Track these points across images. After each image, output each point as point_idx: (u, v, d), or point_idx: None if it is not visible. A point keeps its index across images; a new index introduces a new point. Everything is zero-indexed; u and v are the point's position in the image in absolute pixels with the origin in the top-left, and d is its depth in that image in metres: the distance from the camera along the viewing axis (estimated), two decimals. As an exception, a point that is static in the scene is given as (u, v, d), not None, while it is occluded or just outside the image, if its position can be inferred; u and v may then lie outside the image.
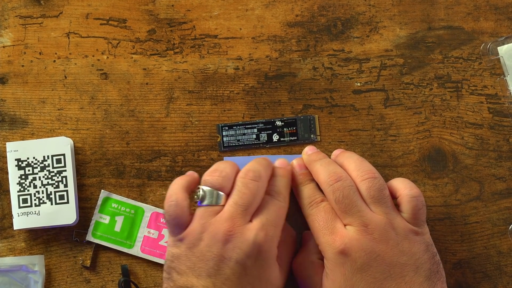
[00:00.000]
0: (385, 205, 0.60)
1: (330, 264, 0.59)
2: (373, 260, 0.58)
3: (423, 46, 0.71)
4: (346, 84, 0.71)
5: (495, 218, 0.69)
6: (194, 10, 0.72)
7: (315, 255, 0.63)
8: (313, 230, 0.61)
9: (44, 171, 0.68)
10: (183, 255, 0.59)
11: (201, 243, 0.59)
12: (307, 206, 0.62)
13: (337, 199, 0.60)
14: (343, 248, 0.58)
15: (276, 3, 0.72)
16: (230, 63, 0.71)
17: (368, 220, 0.59)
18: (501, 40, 0.70)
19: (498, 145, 0.70)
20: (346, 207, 0.60)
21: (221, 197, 0.61)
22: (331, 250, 0.59)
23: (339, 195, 0.60)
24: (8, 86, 0.71)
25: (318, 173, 0.63)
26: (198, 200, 0.61)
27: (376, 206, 0.60)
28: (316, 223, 0.61)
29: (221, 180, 0.61)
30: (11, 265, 0.68)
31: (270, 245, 0.59)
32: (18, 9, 0.72)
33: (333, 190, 0.61)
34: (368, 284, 0.58)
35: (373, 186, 0.61)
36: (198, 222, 0.60)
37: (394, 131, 0.70)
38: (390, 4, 0.71)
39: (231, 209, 0.60)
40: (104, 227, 0.69)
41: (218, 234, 0.58)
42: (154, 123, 0.71)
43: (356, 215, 0.60)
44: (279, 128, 0.70)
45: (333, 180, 0.61)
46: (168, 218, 0.61)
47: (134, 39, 0.71)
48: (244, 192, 0.60)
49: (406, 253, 0.59)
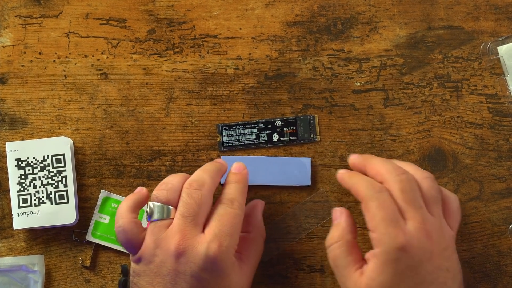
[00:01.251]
0: (439, 208, 0.61)
1: (383, 256, 0.58)
2: (426, 260, 0.58)
3: (423, 46, 0.71)
4: (346, 84, 0.71)
5: (495, 218, 0.69)
6: (194, 10, 0.72)
7: (350, 234, 0.62)
8: (375, 218, 0.59)
9: (44, 171, 0.68)
10: (142, 271, 0.60)
11: (156, 259, 0.59)
12: (369, 190, 0.60)
13: (403, 189, 0.59)
14: (405, 244, 0.57)
15: (276, 3, 0.72)
16: (230, 63, 0.71)
17: (426, 218, 0.59)
18: (501, 39, 0.70)
19: (498, 144, 0.70)
20: (411, 199, 0.59)
21: (170, 210, 0.60)
22: (392, 244, 0.57)
23: (406, 185, 0.59)
24: (8, 86, 0.71)
25: (379, 165, 0.62)
26: (147, 216, 0.61)
27: (433, 207, 0.60)
28: (382, 211, 0.58)
29: (166, 193, 0.61)
30: (11, 265, 0.68)
31: (225, 256, 0.59)
32: (18, 9, 0.72)
33: (400, 179, 0.59)
34: (415, 284, 0.57)
35: (434, 186, 0.61)
36: (150, 238, 0.60)
37: (394, 130, 0.70)
38: (390, 4, 0.71)
39: (179, 222, 0.59)
40: (104, 227, 0.69)
41: (170, 249, 0.58)
42: (154, 123, 0.71)
43: (418, 210, 0.59)
44: (279, 128, 0.70)
45: (399, 171, 0.60)
46: (121, 241, 0.61)
47: (134, 39, 0.71)
48: (188, 202, 0.60)
49: (449, 259, 0.59)
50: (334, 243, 0.62)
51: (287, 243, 0.70)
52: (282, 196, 0.70)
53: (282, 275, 0.69)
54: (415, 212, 0.59)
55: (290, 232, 0.70)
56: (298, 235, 0.70)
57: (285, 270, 0.69)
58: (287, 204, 0.70)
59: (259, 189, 0.70)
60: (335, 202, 0.69)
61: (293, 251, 0.69)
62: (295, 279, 0.69)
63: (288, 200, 0.70)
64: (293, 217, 0.70)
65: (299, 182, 0.69)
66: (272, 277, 0.69)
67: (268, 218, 0.70)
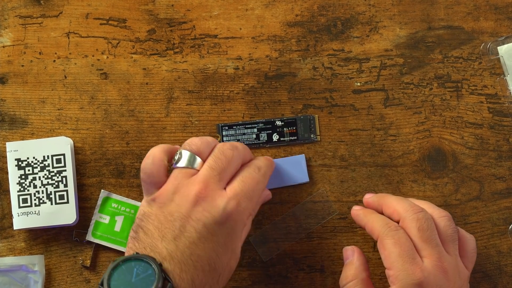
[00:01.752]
0: (455, 247, 0.61)
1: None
2: None
3: (423, 46, 0.71)
4: (346, 84, 0.71)
5: (495, 218, 0.69)
6: (194, 10, 0.72)
7: (364, 272, 0.63)
8: (391, 255, 0.59)
9: (44, 171, 0.68)
10: (153, 214, 0.59)
11: (171, 204, 0.59)
12: (385, 229, 0.60)
13: (421, 227, 0.60)
14: (422, 281, 0.57)
15: (276, 3, 0.72)
16: (230, 63, 0.71)
17: (443, 256, 0.59)
18: (501, 39, 0.70)
19: (498, 144, 0.70)
20: (428, 237, 0.60)
21: (198, 161, 0.61)
22: (409, 280, 0.58)
23: (424, 223, 0.60)
24: (8, 86, 0.71)
25: (396, 204, 0.62)
26: (174, 162, 0.61)
27: (449, 245, 0.61)
28: (398, 248, 0.59)
29: (199, 144, 0.61)
30: (11, 265, 0.68)
31: (240, 216, 0.59)
32: (18, 9, 0.72)
33: (417, 218, 0.60)
34: None
35: (451, 225, 0.62)
36: (172, 183, 0.60)
37: (394, 131, 0.70)
38: (390, 4, 0.71)
39: (205, 173, 0.60)
40: (104, 227, 0.69)
41: (189, 196, 0.58)
42: (154, 123, 0.71)
43: (435, 249, 0.59)
44: (279, 128, 0.70)
45: (416, 209, 0.61)
46: (143, 176, 0.61)
47: (134, 39, 0.71)
48: (219, 157, 0.60)
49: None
50: (349, 282, 0.62)
51: (287, 243, 0.70)
52: (282, 196, 0.70)
53: (282, 275, 0.69)
54: (431, 250, 0.59)
55: (290, 232, 0.70)
56: (298, 235, 0.70)
57: (285, 270, 0.69)
58: (287, 204, 0.70)
59: (259, 189, 0.70)
60: (335, 202, 0.69)
61: (293, 251, 0.69)
62: (295, 279, 0.69)
63: (288, 200, 0.70)
64: (293, 217, 0.70)
65: (298, 180, 0.69)
66: (272, 277, 0.69)
67: (268, 218, 0.70)
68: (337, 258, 0.69)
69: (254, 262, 0.69)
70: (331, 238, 0.69)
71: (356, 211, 0.65)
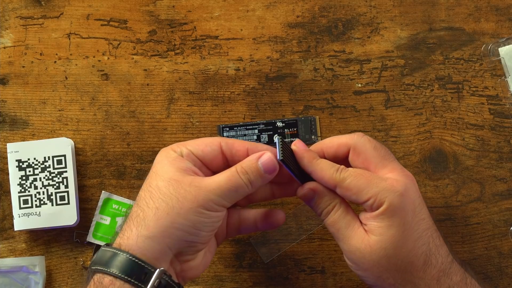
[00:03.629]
0: None
1: (389, 209, 0.57)
2: (422, 201, 0.58)
3: (424, 47, 0.71)
4: (347, 85, 0.71)
5: (496, 219, 0.69)
6: (195, 11, 0.72)
7: (339, 197, 0.60)
8: (361, 186, 0.57)
9: (44, 172, 0.68)
10: None
11: None
12: (336, 172, 0.58)
13: (376, 146, 0.59)
14: (404, 190, 0.57)
15: (277, 4, 0.72)
16: (231, 64, 0.71)
17: (402, 166, 0.59)
18: (502, 41, 0.70)
19: (499, 146, 0.70)
20: (385, 153, 0.59)
21: None
22: (393, 194, 0.56)
23: (376, 142, 0.59)
24: (8, 87, 0.71)
25: (336, 140, 0.61)
26: None
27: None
28: (363, 179, 0.57)
29: None
30: (11, 266, 0.68)
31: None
32: (18, 10, 0.72)
33: (368, 139, 0.59)
34: (423, 230, 0.57)
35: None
36: None
37: (395, 132, 0.70)
38: (391, 5, 0.71)
39: None
40: (105, 228, 0.69)
41: None
42: (155, 124, 0.71)
43: (395, 161, 0.59)
44: (280, 129, 0.70)
45: (360, 134, 0.60)
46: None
47: (135, 40, 0.71)
48: None
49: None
50: (330, 210, 0.59)
51: (288, 244, 0.70)
52: (282, 197, 0.70)
53: (283, 276, 0.69)
54: (393, 163, 0.59)
55: (291, 234, 0.70)
56: (299, 237, 0.70)
57: (286, 271, 0.69)
58: (288, 206, 0.70)
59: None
60: (336, 203, 0.69)
61: (294, 252, 0.69)
62: (296, 280, 0.69)
63: (289, 201, 0.70)
64: (294, 218, 0.70)
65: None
66: (273, 278, 0.69)
67: (269, 219, 0.70)
68: (338, 260, 0.69)
69: (255, 264, 0.69)
70: (332, 239, 0.69)
71: (301, 153, 0.60)
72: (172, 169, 0.57)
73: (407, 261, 0.57)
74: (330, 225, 0.60)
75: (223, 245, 0.70)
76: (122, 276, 0.54)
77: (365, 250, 0.57)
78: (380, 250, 0.57)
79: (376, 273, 0.57)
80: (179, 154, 0.59)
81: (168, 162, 0.58)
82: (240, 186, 0.57)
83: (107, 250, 0.55)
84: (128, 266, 0.54)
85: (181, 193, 0.56)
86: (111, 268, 0.54)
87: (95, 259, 0.56)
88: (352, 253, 0.58)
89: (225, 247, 0.70)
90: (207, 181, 0.56)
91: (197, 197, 0.55)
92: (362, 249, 0.57)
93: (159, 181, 0.57)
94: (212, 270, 0.69)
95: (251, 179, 0.58)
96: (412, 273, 0.57)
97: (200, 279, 0.69)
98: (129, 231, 0.56)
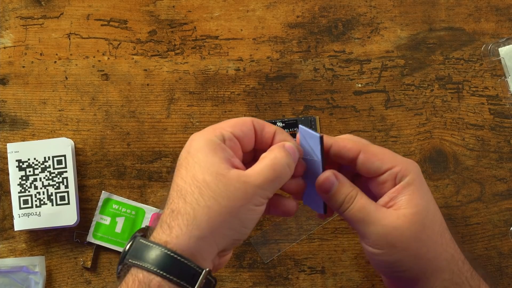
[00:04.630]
0: None
1: (417, 180, 0.55)
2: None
3: (424, 47, 0.71)
4: (347, 85, 0.71)
5: (496, 219, 0.69)
6: (195, 11, 0.72)
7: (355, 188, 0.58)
8: (384, 153, 0.56)
9: (45, 172, 0.68)
10: None
11: None
12: (359, 140, 0.58)
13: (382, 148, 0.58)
14: (419, 170, 0.56)
15: (277, 4, 0.72)
16: (231, 64, 0.71)
17: None
18: (502, 41, 0.70)
19: (499, 146, 0.70)
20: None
21: None
22: (414, 165, 0.56)
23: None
24: (9, 87, 0.71)
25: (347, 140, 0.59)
26: None
27: None
28: (384, 148, 0.57)
29: None
30: (12, 266, 0.68)
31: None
32: (19, 10, 0.72)
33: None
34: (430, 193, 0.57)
35: None
36: None
37: (395, 132, 0.70)
38: (391, 5, 0.71)
39: None
40: (105, 228, 0.69)
41: None
42: (155, 124, 0.71)
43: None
44: (280, 129, 0.70)
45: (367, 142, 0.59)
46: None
47: (135, 40, 0.71)
48: None
49: None
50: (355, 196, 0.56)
51: (288, 244, 0.70)
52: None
53: (283, 276, 0.69)
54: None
55: (291, 234, 0.70)
56: (299, 237, 0.70)
57: (286, 271, 0.69)
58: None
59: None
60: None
61: (294, 252, 0.69)
62: (296, 280, 0.69)
63: (289, 201, 0.70)
64: (294, 218, 0.70)
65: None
66: (273, 278, 0.69)
67: (269, 220, 0.70)
68: (338, 260, 0.69)
69: (255, 264, 0.69)
70: (332, 239, 0.69)
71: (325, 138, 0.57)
72: (217, 161, 0.53)
73: (439, 230, 0.55)
74: (358, 210, 0.56)
75: (223, 245, 0.70)
76: (173, 279, 0.51)
77: (403, 226, 0.54)
78: (417, 221, 0.54)
79: (414, 250, 0.54)
80: (220, 138, 0.55)
81: (211, 151, 0.54)
82: (285, 173, 0.54)
83: (153, 246, 0.52)
84: (180, 269, 0.51)
85: (231, 190, 0.53)
86: (162, 270, 0.51)
87: (136, 253, 0.52)
88: (388, 235, 0.54)
89: (225, 247, 0.70)
90: (253, 175, 0.53)
91: (246, 194, 0.53)
92: (399, 226, 0.54)
93: (206, 175, 0.53)
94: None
95: (291, 165, 0.55)
96: (442, 244, 0.55)
97: (200, 279, 0.69)
98: (178, 229, 0.52)
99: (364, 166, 0.56)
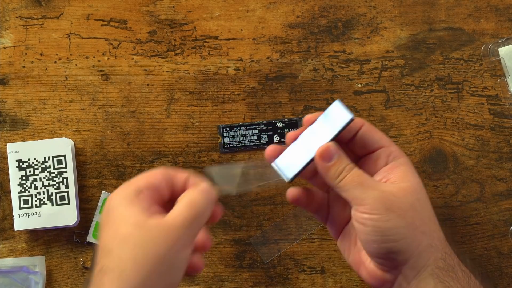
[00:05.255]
0: None
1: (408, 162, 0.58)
2: None
3: (423, 47, 0.71)
4: (347, 85, 0.71)
5: (495, 219, 0.69)
6: (195, 11, 0.72)
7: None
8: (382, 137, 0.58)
9: (45, 172, 0.68)
10: None
11: None
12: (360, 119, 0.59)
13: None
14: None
15: (277, 4, 0.72)
16: (231, 64, 0.71)
17: None
18: (501, 41, 0.70)
19: (498, 146, 0.70)
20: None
21: None
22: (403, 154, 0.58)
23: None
24: (9, 87, 0.71)
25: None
26: None
27: None
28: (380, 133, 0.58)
29: None
30: (12, 266, 0.68)
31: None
32: (19, 10, 0.72)
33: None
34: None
35: None
36: None
37: (394, 132, 0.70)
38: (391, 5, 0.71)
39: None
40: (105, 228, 0.69)
41: None
42: (155, 124, 0.71)
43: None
44: (280, 129, 0.70)
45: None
46: None
47: (135, 40, 0.71)
48: None
49: None
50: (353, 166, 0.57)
51: (288, 244, 0.70)
52: (283, 197, 0.70)
53: (283, 276, 0.69)
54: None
55: (291, 234, 0.70)
56: (299, 237, 0.70)
57: (286, 271, 0.69)
58: (288, 206, 0.70)
59: (259, 190, 0.70)
60: (336, 203, 0.69)
61: (294, 252, 0.69)
62: (296, 280, 0.69)
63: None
64: (294, 218, 0.70)
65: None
66: (273, 278, 0.69)
67: (269, 220, 0.70)
68: (338, 260, 0.69)
69: (254, 263, 0.69)
70: (332, 239, 0.69)
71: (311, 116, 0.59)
72: (135, 212, 0.54)
73: (430, 214, 0.56)
74: (357, 176, 0.56)
75: (223, 245, 0.70)
76: None
77: (400, 193, 0.55)
78: (413, 193, 0.56)
79: (410, 219, 0.55)
80: (135, 192, 0.55)
81: (128, 205, 0.55)
82: (204, 210, 0.55)
83: None
84: None
85: (153, 237, 0.53)
86: None
87: None
88: (386, 200, 0.55)
89: (225, 247, 0.70)
90: (172, 218, 0.54)
91: (169, 238, 0.53)
92: (396, 193, 0.55)
93: (127, 227, 0.54)
94: (212, 270, 0.69)
95: (208, 201, 0.55)
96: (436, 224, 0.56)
97: (200, 279, 0.69)
98: (110, 284, 0.52)
99: (365, 136, 0.58)
